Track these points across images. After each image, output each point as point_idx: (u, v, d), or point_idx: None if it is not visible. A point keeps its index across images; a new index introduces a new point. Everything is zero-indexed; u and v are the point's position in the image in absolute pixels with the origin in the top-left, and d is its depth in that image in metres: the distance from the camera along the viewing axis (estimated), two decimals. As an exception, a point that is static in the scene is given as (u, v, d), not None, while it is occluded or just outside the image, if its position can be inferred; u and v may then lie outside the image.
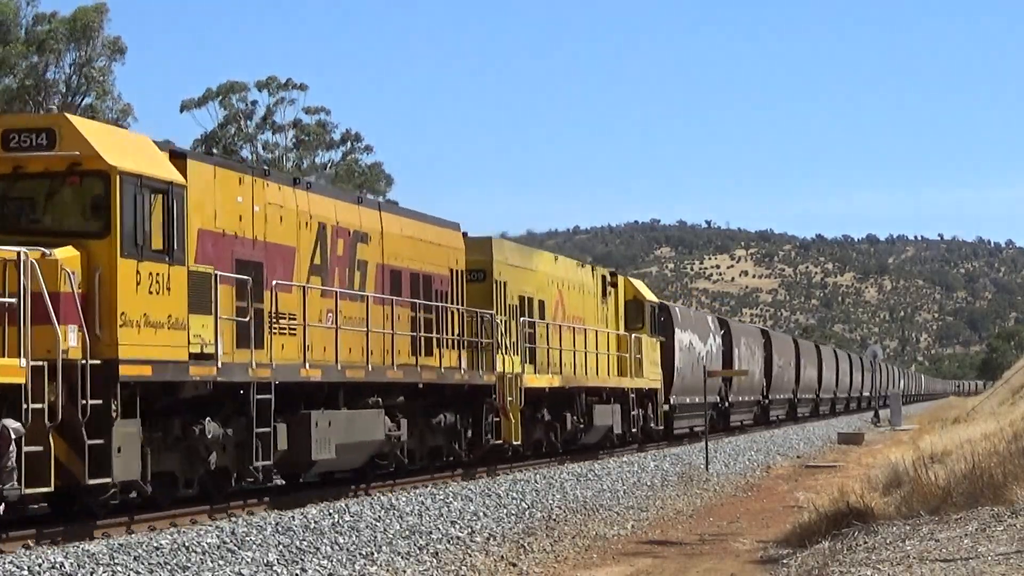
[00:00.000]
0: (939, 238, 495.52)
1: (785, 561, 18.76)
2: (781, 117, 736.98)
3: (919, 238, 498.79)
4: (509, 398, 31.09)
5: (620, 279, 42.23)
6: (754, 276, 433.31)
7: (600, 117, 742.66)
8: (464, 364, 29.43)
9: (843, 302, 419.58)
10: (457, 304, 29.46)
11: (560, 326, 35.52)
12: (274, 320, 22.21)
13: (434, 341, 28.10)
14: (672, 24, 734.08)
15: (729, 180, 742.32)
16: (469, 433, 29.72)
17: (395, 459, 26.83)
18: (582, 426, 36.24)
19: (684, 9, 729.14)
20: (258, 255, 22.04)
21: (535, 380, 32.95)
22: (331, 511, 20.49)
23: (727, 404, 55.98)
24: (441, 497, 23.61)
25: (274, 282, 22.29)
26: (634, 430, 40.79)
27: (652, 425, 43.07)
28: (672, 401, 46.27)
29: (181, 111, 78.13)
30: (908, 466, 25.67)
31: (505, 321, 31.93)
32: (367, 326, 25.03)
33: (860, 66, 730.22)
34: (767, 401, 65.16)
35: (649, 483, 31.72)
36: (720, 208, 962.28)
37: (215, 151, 58.87)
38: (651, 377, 42.94)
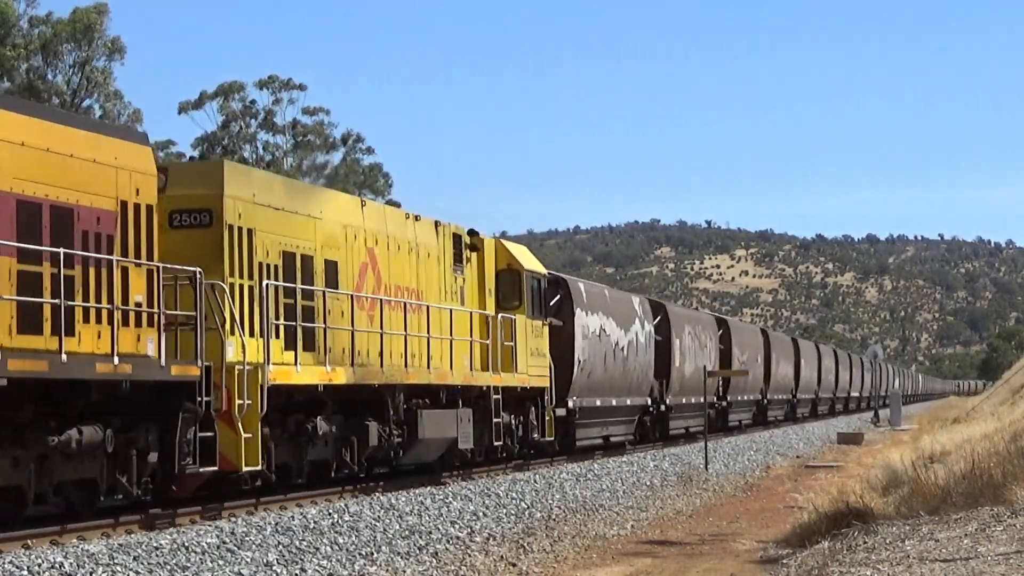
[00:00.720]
0: (939, 238, 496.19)
1: (785, 561, 18.77)
2: (781, 117, 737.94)
3: (919, 238, 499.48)
4: (239, 401, 20.91)
5: (487, 242, 31.40)
6: (754, 276, 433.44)
7: (601, 117, 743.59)
8: (152, 350, 19.30)
9: (843, 302, 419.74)
10: (137, 257, 19.20)
11: (364, 299, 25.43)
12: None
13: (78, 312, 18.08)
14: (672, 24, 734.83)
15: (729, 180, 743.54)
16: (154, 457, 19.46)
17: None
18: (399, 440, 26.21)
19: (684, 9, 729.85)
20: None
21: (295, 375, 22.62)
22: (330, 511, 20.49)
23: (664, 407, 45.20)
24: (441, 497, 23.63)
25: None
26: (498, 443, 30.23)
27: (536, 436, 32.54)
28: (572, 404, 35.53)
29: (179, 113, 78.27)
30: (908, 466, 25.71)
31: (250, 287, 22.03)
32: None
33: (860, 66, 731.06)
34: (725, 403, 54.18)
35: (648, 483, 31.72)
36: (720, 208, 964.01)
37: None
38: (533, 372, 32.32)
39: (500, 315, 30.93)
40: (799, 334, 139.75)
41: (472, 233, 30.69)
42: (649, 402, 43.59)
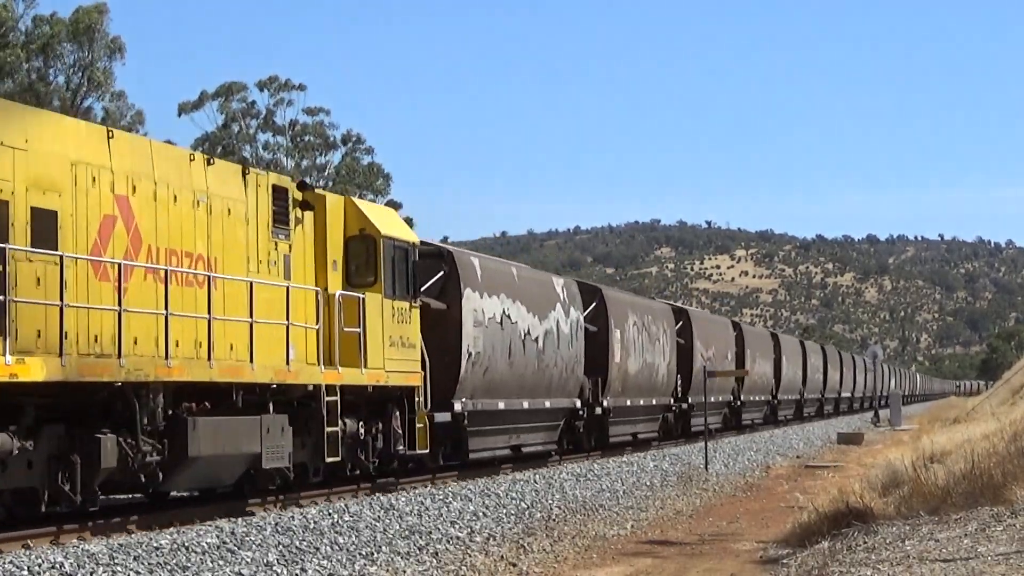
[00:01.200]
0: (939, 238, 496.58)
1: (785, 561, 18.78)
2: (781, 117, 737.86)
3: (919, 238, 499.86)
4: None
5: (331, 200, 24.58)
6: (754, 276, 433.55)
7: (600, 117, 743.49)
8: None
9: (843, 302, 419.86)
10: None
11: (103, 265, 18.72)
12: None
13: None
14: (672, 24, 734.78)
15: (729, 180, 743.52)
16: None
17: None
18: (158, 458, 19.28)
19: (684, 9, 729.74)
20: None
21: None
22: (331, 511, 20.50)
23: (601, 410, 38.17)
24: (441, 497, 23.63)
25: None
26: (333, 459, 23.09)
27: (402, 448, 25.60)
28: (460, 407, 28.72)
29: (179, 114, 78.25)
30: (908, 466, 25.70)
31: None
32: None
33: (860, 66, 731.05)
34: (685, 406, 47.27)
35: (649, 483, 31.71)
36: (720, 208, 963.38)
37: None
38: (395, 367, 25.24)
39: (339, 293, 23.98)
40: (799, 334, 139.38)
41: (304, 186, 23.80)
42: (578, 404, 36.33)
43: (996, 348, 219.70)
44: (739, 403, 56.35)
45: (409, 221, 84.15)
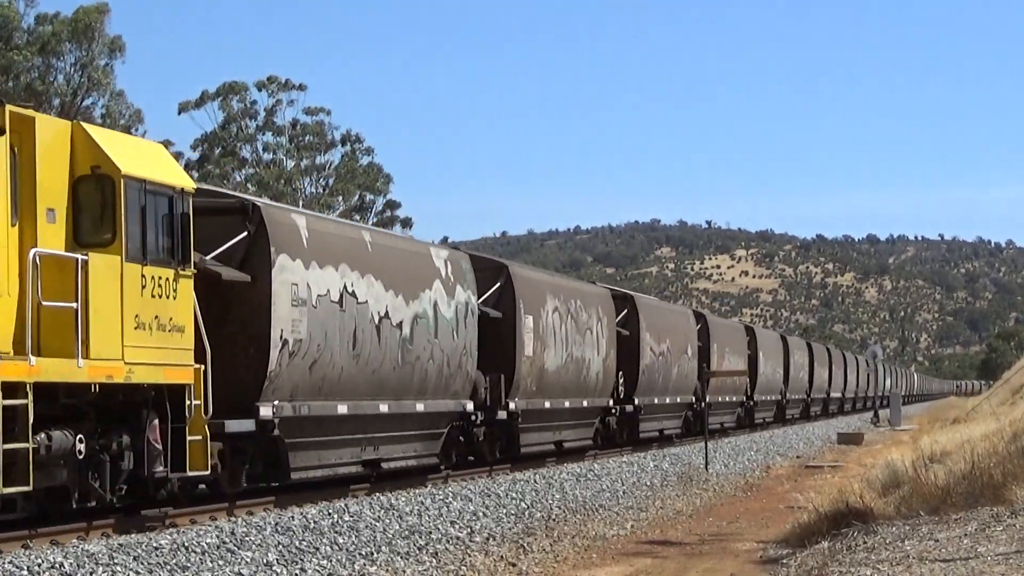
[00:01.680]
0: (939, 238, 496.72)
1: (785, 561, 18.80)
2: (781, 117, 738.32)
3: (919, 238, 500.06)
4: None
5: (42, 123, 17.43)
6: (754, 276, 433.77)
7: (601, 117, 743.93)
8: None
9: (843, 302, 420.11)
10: None
11: None
12: None
13: None
14: (672, 24, 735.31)
15: (729, 180, 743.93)
16: None
17: None
18: None
19: (684, 9, 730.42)
20: None
21: None
22: (330, 511, 20.51)
23: (507, 414, 31.10)
24: (440, 497, 23.63)
25: None
26: (21, 488, 16.24)
27: (161, 469, 18.78)
28: (270, 413, 21.79)
29: (179, 113, 78.24)
30: (907, 466, 25.73)
31: None
32: None
33: (860, 66, 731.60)
34: (631, 408, 40.42)
35: (648, 483, 31.73)
36: (720, 208, 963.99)
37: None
38: (146, 358, 18.37)
39: (35, 252, 16.92)
40: (799, 334, 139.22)
41: None
42: (471, 407, 29.35)
43: (996, 348, 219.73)
44: (705, 404, 46.60)
45: (408, 221, 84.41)
